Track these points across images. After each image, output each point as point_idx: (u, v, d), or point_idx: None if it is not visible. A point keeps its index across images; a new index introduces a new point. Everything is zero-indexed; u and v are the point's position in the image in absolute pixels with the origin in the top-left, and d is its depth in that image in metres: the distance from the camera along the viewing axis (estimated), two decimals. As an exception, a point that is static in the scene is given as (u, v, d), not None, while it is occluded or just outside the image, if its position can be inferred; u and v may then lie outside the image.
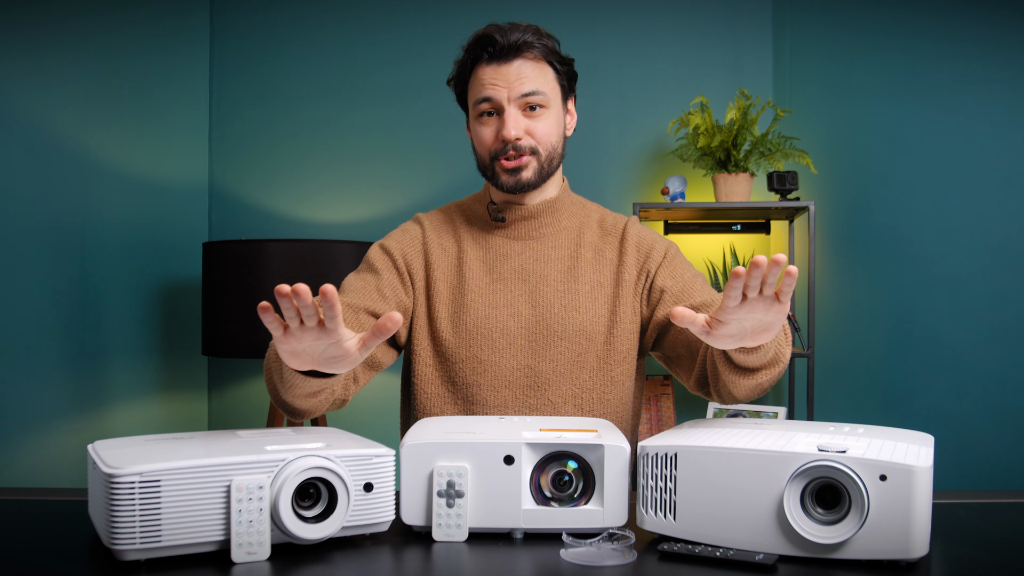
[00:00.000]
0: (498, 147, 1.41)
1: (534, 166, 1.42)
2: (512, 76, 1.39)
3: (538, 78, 1.40)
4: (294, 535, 0.96)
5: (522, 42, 1.39)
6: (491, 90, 1.40)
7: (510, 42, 1.39)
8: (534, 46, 1.40)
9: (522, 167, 1.41)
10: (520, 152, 1.40)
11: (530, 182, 1.42)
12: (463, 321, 1.42)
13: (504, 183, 1.43)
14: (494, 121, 1.42)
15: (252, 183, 3.02)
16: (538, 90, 1.40)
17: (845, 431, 1.05)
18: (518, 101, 1.39)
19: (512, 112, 1.39)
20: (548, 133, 1.42)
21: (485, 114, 1.42)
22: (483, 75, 1.41)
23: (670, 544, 0.98)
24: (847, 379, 2.72)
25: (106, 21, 2.67)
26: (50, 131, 2.51)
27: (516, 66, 1.39)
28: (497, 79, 1.39)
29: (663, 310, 1.43)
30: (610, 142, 2.88)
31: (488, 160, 1.43)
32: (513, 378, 1.41)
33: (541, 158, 1.42)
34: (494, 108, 1.41)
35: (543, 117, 1.41)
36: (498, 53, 1.39)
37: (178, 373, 2.92)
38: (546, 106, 1.41)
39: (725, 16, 2.88)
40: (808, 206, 2.55)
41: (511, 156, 1.40)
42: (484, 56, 1.41)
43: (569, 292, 1.44)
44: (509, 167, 1.41)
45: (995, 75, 2.47)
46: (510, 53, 1.39)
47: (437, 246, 1.48)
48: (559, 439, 1.05)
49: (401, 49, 2.97)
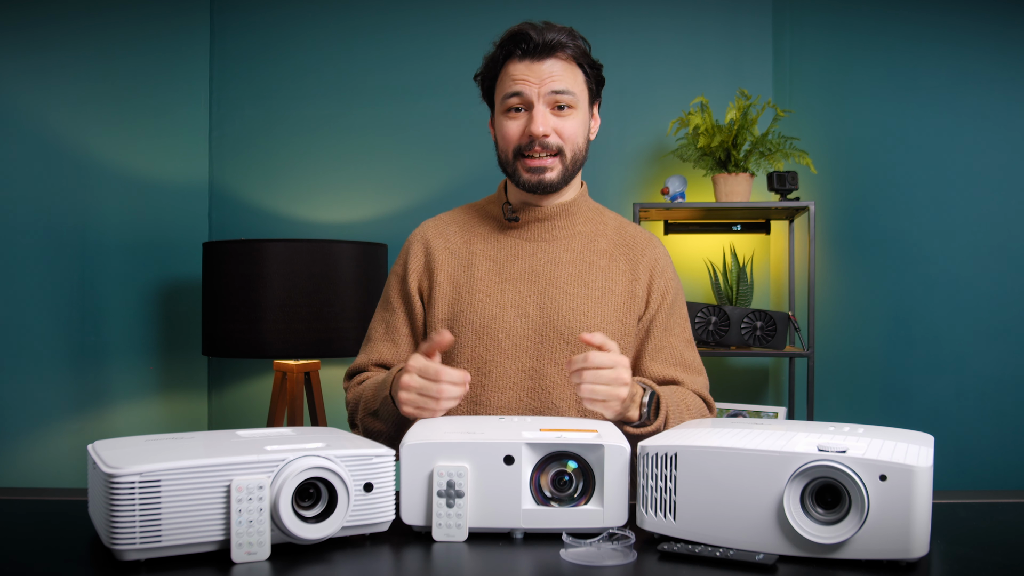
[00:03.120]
0: (524, 143, 1.41)
1: (559, 168, 1.42)
2: (544, 74, 1.39)
3: (569, 78, 1.41)
4: (294, 535, 0.96)
5: (556, 42, 1.40)
6: (522, 85, 1.40)
7: (545, 40, 1.39)
8: (567, 47, 1.41)
9: (546, 168, 1.41)
10: (545, 150, 1.40)
11: (552, 183, 1.43)
12: (469, 320, 1.42)
13: (526, 181, 1.43)
14: (522, 116, 1.41)
15: (252, 183, 3.02)
16: (568, 90, 1.40)
17: (845, 431, 1.05)
18: (548, 98, 1.40)
19: (541, 109, 1.40)
20: (575, 134, 1.42)
21: (513, 109, 1.42)
22: (514, 71, 1.41)
23: (670, 544, 0.98)
24: (847, 379, 2.72)
25: (106, 21, 2.67)
26: (50, 131, 2.51)
27: (548, 65, 1.40)
28: (529, 75, 1.40)
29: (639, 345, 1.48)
30: (610, 142, 2.88)
31: (511, 156, 1.43)
32: (517, 380, 1.40)
33: (566, 160, 1.42)
34: (523, 104, 1.41)
35: (571, 117, 1.42)
36: (532, 50, 1.40)
37: (178, 373, 2.92)
38: (574, 107, 1.42)
39: (725, 16, 2.88)
40: (808, 206, 2.55)
41: (536, 154, 1.41)
42: (517, 52, 1.41)
43: (579, 296, 1.43)
44: (532, 166, 1.41)
45: (995, 75, 2.47)
46: (544, 51, 1.40)
47: (442, 250, 1.49)
48: (559, 439, 1.05)
49: (401, 49, 2.97)
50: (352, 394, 1.46)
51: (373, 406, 1.35)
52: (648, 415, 1.31)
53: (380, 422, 1.36)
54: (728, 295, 2.71)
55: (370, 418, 1.37)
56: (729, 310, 2.56)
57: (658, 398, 1.32)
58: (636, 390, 1.29)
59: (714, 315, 2.57)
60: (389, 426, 1.35)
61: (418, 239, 1.53)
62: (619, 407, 1.24)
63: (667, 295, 1.48)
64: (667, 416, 1.32)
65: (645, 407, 1.31)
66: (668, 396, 1.35)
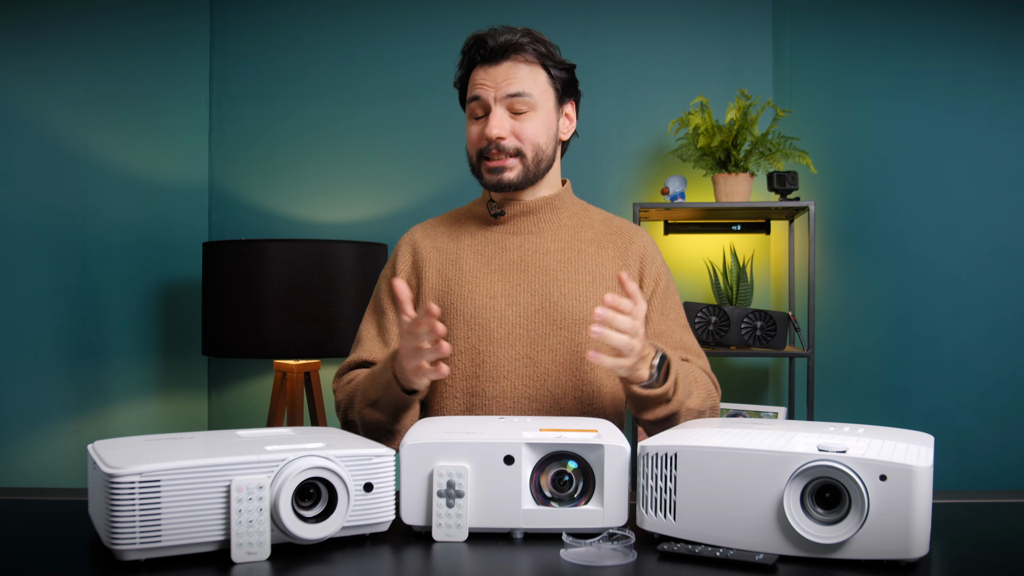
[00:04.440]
0: (483, 146, 1.44)
1: (518, 169, 1.44)
2: (500, 77, 1.42)
3: (527, 79, 1.42)
4: (294, 535, 0.96)
5: (512, 44, 1.42)
6: (480, 90, 1.43)
7: (499, 43, 1.42)
8: (524, 48, 1.42)
9: (505, 168, 1.44)
10: (503, 152, 1.42)
11: (512, 183, 1.45)
12: (459, 311, 1.43)
13: (487, 181, 1.46)
14: (483, 121, 1.44)
15: (252, 183, 3.02)
16: (525, 92, 1.42)
17: (845, 431, 1.05)
18: (504, 101, 1.42)
19: (498, 112, 1.42)
20: (534, 135, 1.44)
21: (474, 116, 1.46)
22: (476, 76, 1.45)
23: (670, 544, 0.98)
24: (847, 379, 2.72)
25: (106, 21, 2.67)
26: (50, 131, 2.51)
27: (505, 67, 1.42)
28: (486, 80, 1.43)
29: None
30: (610, 142, 2.88)
31: (476, 159, 1.47)
32: (512, 368, 1.40)
33: (527, 160, 1.44)
34: (482, 108, 1.44)
35: (530, 119, 1.43)
36: (489, 55, 1.43)
37: (178, 373, 2.92)
38: (534, 108, 1.43)
39: (725, 16, 2.88)
40: (808, 206, 2.55)
41: (494, 156, 1.43)
42: (477, 58, 1.45)
43: (569, 281, 1.44)
44: (492, 166, 1.44)
45: (995, 75, 2.47)
46: (499, 55, 1.42)
47: (430, 248, 1.50)
48: (559, 439, 1.05)
49: (401, 49, 2.97)
50: (344, 393, 1.45)
51: (372, 395, 1.34)
52: (658, 377, 1.29)
53: (379, 411, 1.34)
54: (728, 295, 2.71)
55: (368, 409, 1.35)
56: (729, 310, 2.56)
57: (668, 361, 1.29)
58: (648, 351, 1.26)
59: (714, 315, 2.57)
60: (388, 415, 1.34)
61: (406, 242, 1.55)
62: (635, 359, 1.20)
63: (660, 281, 1.49)
64: (676, 381, 1.30)
65: (655, 369, 1.28)
66: (678, 363, 1.32)
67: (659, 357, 1.29)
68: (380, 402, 1.34)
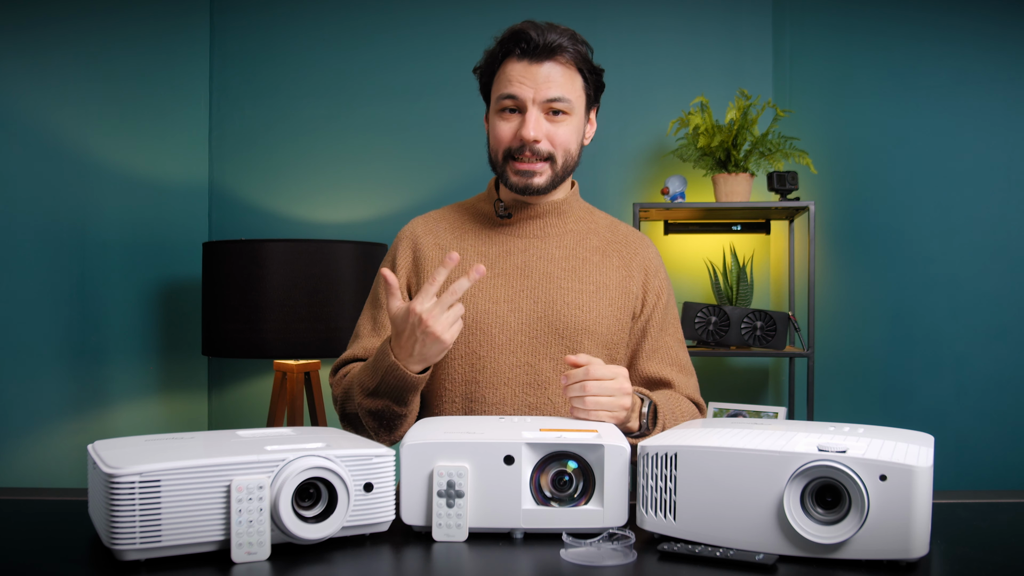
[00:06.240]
0: (515, 145, 1.40)
1: (548, 174, 1.41)
2: (541, 78, 1.37)
3: (566, 84, 1.39)
4: (294, 535, 0.96)
5: (557, 44, 1.37)
6: (517, 87, 1.38)
7: (545, 42, 1.37)
8: (567, 50, 1.38)
9: (535, 172, 1.40)
10: (536, 155, 1.39)
11: (540, 188, 1.42)
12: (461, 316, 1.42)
13: (514, 183, 1.42)
14: (515, 119, 1.40)
15: (252, 183, 3.02)
16: (564, 96, 1.38)
17: (845, 431, 1.05)
18: (542, 104, 1.38)
19: (535, 113, 1.38)
20: (568, 140, 1.41)
21: (507, 110, 1.40)
22: (512, 71, 1.39)
23: (670, 544, 0.98)
24: (847, 379, 2.72)
25: (106, 20, 2.67)
26: (50, 131, 2.51)
27: (546, 68, 1.38)
28: (525, 78, 1.38)
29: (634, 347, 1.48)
30: (610, 142, 2.88)
31: (501, 157, 1.42)
32: (512, 375, 1.39)
33: (556, 166, 1.41)
34: (517, 106, 1.39)
35: (565, 124, 1.40)
36: (531, 51, 1.38)
37: (178, 373, 2.92)
38: (569, 113, 1.40)
39: (725, 16, 2.88)
40: (808, 206, 2.55)
41: (526, 158, 1.39)
42: (516, 51, 1.39)
43: (573, 290, 1.43)
44: (521, 169, 1.40)
45: (995, 75, 2.47)
46: (543, 54, 1.38)
47: (431, 246, 1.48)
48: (559, 439, 1.05)
49: (401, 49, 2.97)
50: (340, 388, 1.42)
51: (371, 384, 1.31)
52: (647, 425, 1.33)
53: (380, 399, 1.31)
54: (728, 295, 2.71)
55: (369, 399, 1.32)
56: (729, 310, 2.56)
57: (655, 407, 1.34)
58: (635, 400, 1.30)
59: (714, 315, 2.57)
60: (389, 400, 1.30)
61: (406, 236, 1.51)
62: (623, 416, 1.24)
63: (662, 295, 1.49)
64: (664, 426, 1.34)
65: (644, 417, 1.32)
66: (664, 404, 1.36)
67: (647, 405, 1.33)
68: (380, 387, 1.30)
